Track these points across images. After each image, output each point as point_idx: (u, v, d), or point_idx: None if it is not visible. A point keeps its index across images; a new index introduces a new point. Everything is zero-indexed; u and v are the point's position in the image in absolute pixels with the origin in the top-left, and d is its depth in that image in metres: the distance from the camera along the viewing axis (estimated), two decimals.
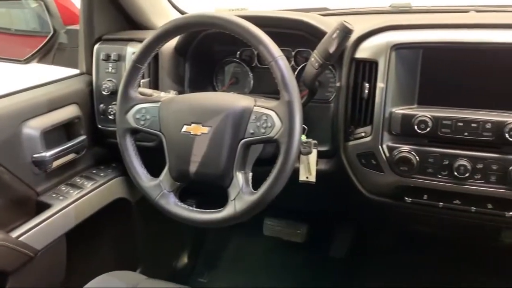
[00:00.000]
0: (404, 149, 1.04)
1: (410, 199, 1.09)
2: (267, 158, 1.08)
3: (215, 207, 0.99)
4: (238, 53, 1.36)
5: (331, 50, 1.00)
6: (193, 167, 1.00)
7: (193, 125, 1.00)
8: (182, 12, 1.56)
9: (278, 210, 1.76)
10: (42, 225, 1.15)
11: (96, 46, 1.39)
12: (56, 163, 1.25)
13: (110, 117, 1.35)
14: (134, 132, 1.08)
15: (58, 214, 1.19)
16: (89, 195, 1.29)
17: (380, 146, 1.06)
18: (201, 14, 1.01)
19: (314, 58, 1.03)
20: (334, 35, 1.00)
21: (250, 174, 1.01)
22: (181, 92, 1.27)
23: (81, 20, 1.41)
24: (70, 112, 1.31)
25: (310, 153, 1.07)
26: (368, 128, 1.08)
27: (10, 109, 1.16)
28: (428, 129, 1.01)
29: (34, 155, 1.18)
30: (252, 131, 0.96)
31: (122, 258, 1.56)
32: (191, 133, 1.00)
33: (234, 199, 0.97)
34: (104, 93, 1.34)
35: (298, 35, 1.18)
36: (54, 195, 1.24)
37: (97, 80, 1.37)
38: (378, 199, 1.14)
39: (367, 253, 1.81)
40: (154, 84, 1.30)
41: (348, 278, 1.74)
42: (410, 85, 1.06)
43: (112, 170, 1.42)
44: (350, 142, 1.11)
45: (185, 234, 1.85)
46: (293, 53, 1.27)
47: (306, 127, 1.11)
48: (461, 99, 1.03)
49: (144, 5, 1.43)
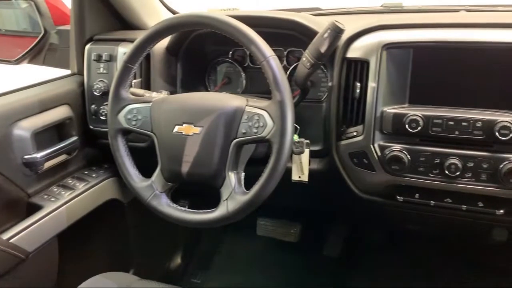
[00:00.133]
0: (395, 148, 1.05)
1: (402, 198, 1.09)
2: (260, 158, 1.08)
3: (208, 208, 0.99)
4: (230, 53, 1.36)
5: (323, 49, 1.01)
6: (185, 168, 1.00)
7: (184, 125, 1.00)
8: (173, 12, 1.56)
9: (271, 210, 1.76)
10: (33, 226, 1.14)
11: (87, 47, 1.38)
12: (47, 164, 1.24)
13: (102, 117, 1.35)
14: (126, 132, 1.08)
15: (49, 216, 1.18)
16: (81, 196, 1.28)
17: (371, 145, 1.06)
18: (192, 14, 1.01)
19: (306, 58, 1.04)
20: (326, 35, 1.00)
21: (243, 174, 1.01)
22: (173, 92, 1.26)
23: (72, 20, 1.40)
24: (61, 112, 1.30)
25: (303, 152, 1.07)
26: (360, 127, 1.08)
27: (1, 110, 1.15)
28: (419, 128, 1.01)
29: (25, 156, 1.17)
30: (244, 131, 0.96)
31: (115, 259, 1.55)
32: (183, 133, 1.00)
33: (226, 199, 0.97)
34: (95, 93, 1.33)
35: (290, 35, 1.18)
36: (45, 197, 1.23)
37: (88, 80, 1.36)
38: (370, 198, 1.14)
39: (360, 252, 1.82)
40: (146, 84, 1.29)
41: (341, 277, 1.74)
42: (401, 84, 1.06)
43: (104, 171, 1.41)
44: (342, 142, 1.12)
45: (178, 234, 1.84)
46: (285, 53, 1.28)
47: (298, 127, 1.11)
48: (452, 98, 1.03)
49: (135, 5, 1.43)
